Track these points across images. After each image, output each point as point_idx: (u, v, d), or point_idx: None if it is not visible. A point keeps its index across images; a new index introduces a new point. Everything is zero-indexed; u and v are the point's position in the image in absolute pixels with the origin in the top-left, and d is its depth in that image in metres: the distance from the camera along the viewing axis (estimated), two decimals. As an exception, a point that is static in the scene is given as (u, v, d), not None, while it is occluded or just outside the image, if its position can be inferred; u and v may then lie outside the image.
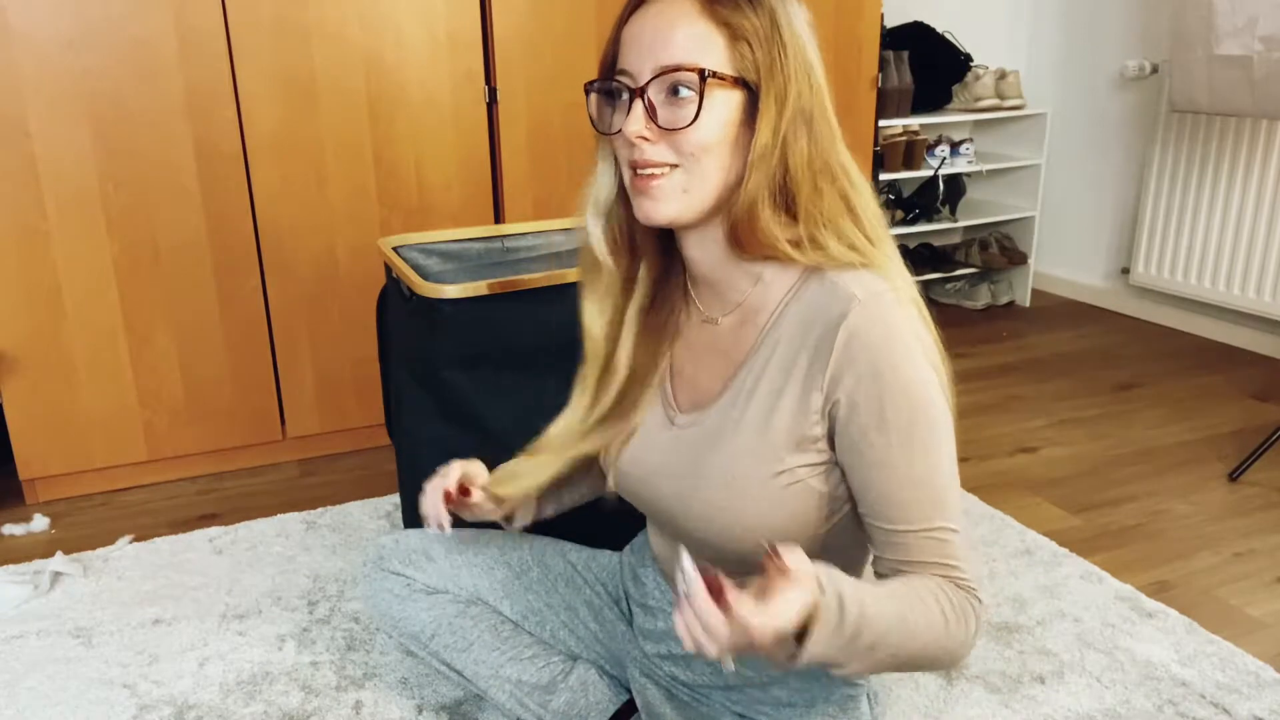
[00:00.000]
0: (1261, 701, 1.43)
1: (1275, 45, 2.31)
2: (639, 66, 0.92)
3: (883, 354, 0.91)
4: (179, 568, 1.83)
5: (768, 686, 1.09)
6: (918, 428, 0.92)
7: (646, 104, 0.92)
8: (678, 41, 0.90)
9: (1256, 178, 2.81)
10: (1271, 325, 2.91)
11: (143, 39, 1.93)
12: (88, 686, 1.49)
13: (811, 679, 1.09)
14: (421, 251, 1.79)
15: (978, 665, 1.52)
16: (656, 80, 0.91)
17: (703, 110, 0.90)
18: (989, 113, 3.25)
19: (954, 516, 0.94)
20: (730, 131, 0.93)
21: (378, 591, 1.32)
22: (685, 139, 0.92)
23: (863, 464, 0.94)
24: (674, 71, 0.90)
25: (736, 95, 0.92)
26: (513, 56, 2.21)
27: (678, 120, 0.91)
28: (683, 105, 0.91)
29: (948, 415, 0.95)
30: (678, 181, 0.94)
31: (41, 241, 1.95)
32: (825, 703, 1.08)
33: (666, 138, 0.92)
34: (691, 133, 0.91)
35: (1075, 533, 1.93)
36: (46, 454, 2.07)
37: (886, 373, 0.91)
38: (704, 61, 0.90)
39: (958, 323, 3.32)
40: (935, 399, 0.93)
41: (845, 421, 0.93)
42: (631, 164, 0.95)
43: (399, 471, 1.77)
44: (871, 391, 0.92)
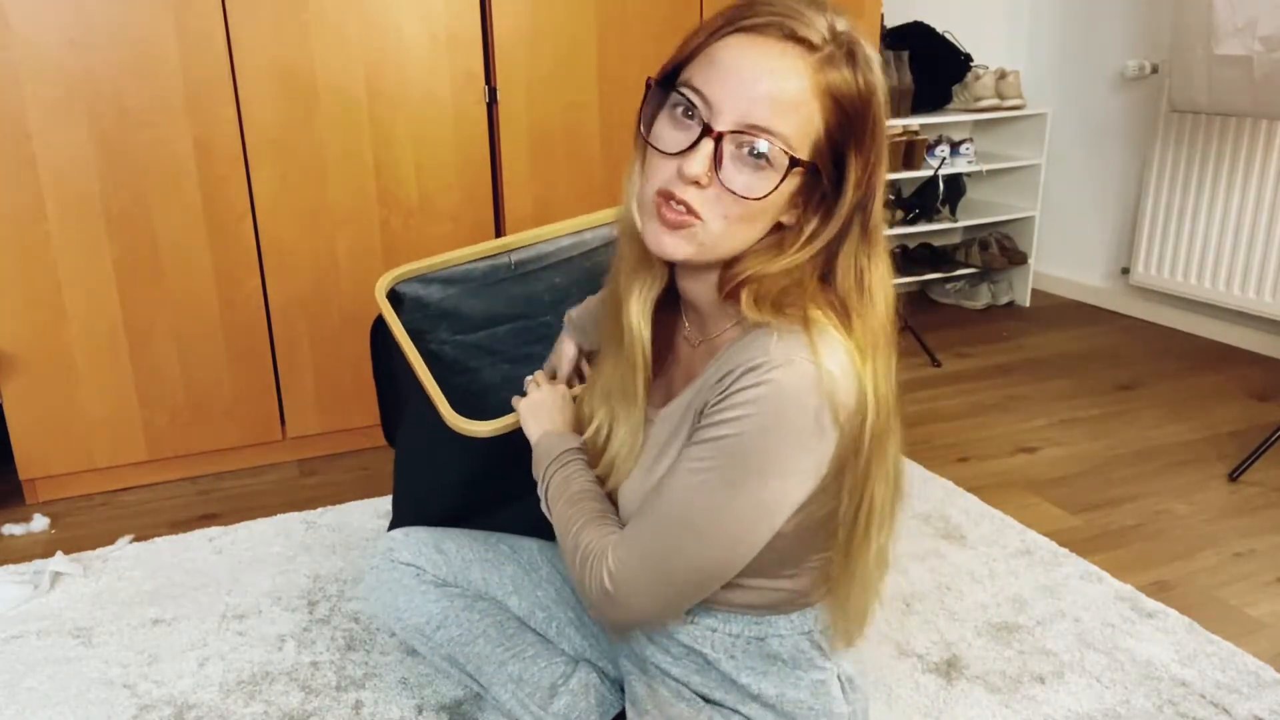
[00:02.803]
0: (1261, 701, 1.43)
1: (1275, 45, 2.31)
2: (723, 103, 0.85)
3: (753, 405, 0.87)
4: (179, 568, 1.83)
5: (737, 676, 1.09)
6: (728, 472, 0.89)
7: (716, 150, 0.86)
8: (781, 101, 0.84)
9: (1256, 178, 2.81)
10: (1271, 325, 2.91)
11: (143, 39, 1.93)
12: (88, 686, 1.49)
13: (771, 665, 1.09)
14: (421, 282, 1.70)
15: (978, 665, 1.52)
16: (739, 134, 0.85)
17: (739, 168, 0.86)
18: (989, 113, 3.25)
19: (672, 539, 0.93)
20: (778, 205, 0.90)
21: (385, 582, 1.33)
22: (739, 205, 0.87)
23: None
24: (763, 138, 0.85)
25: (803, 177, 0.89)
26: (513, 56, 2.21)
27: (744, 188, 0.86)
28: (757, 173, 0.86)
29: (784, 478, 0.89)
30: (701, 233, 0.89)
31: (41, 241, 1.95)
32: (795, 689, 1.08)
33: (720, 194, 0.87)
34: (751, 204, 0.87)
35: (1075, 533, 1.93)
36: (46, 454, 2.07)
37: (742, 418, 0.87)
38: (797, 133, 0.85)
39: (958, 323, 3.32)
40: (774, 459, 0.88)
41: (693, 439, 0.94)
42: (665, 192, 0.89)
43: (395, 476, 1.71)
44: (721, 418, 0.89)
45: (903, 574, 1.78)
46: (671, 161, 0.88)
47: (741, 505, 0.90)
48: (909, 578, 1.76)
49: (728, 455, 0.89)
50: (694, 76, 0.88)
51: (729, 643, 1.08)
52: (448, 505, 1.49)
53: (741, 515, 0.91)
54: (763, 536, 0.93)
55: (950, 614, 1.65)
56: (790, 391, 0.86)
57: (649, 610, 0.99)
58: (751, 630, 1.07)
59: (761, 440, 0.87)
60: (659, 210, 0.89)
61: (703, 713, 1.10)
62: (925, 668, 1.51)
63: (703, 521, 0.92)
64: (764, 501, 0.90)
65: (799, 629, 1.08)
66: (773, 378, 0.86)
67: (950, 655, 1.54)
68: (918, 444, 2.35)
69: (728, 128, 0.85)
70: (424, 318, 1.59)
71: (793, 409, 0.86)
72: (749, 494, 0.90)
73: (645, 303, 1.02)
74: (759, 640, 1.07)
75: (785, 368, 0.86)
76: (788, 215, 0.93)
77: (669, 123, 0.90)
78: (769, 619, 1.07)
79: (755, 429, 0.87)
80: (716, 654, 1.08)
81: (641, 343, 1.02)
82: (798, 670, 1.08)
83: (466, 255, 1.63)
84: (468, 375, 1.63)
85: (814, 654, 1.08)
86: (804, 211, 0.92)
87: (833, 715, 1.10)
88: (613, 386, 1.07)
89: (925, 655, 1.54)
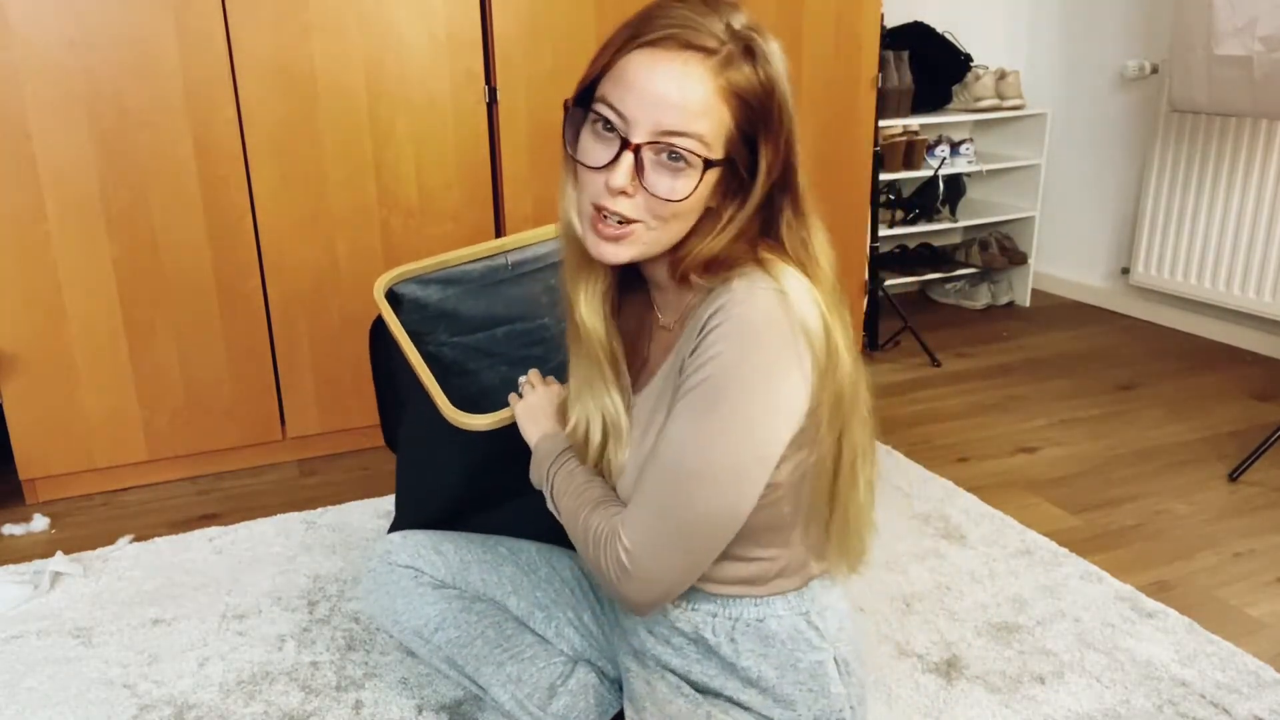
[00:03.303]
0: (1261, 701, 1.43)
1: (1275, 45, 2.31)
2: (637, 116, 0.90)
3: (725, 340, 0.91)
4: (179, 568, 1.83)
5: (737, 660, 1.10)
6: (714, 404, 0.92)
7: (637, 161, 0.91)
8: (689, 109, 0.89)
9: (1256, 178, 2.81)
10: (1271, 325, 2.91)
11: (143, 39, 1.93)
12: (88, 686, 1.49)
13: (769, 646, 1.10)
14: (419, 283, 1.71)
15: (978, 665, 1.52)
16: (655, 143, 0.91)
17: (658, 174, 0.92)
18: (989, 113, 3.25)
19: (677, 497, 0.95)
20: (703, 201, 0.96)
21: (383, 585, 1.33)
22: (666, 206, 0.93)
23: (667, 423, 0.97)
24: (675, 144, 0.90)
25: (720, 173, 0.95)
26: (513, 56, 2.21)
27: (667, 191, 0.92)
28: (677, 177, 0.92)
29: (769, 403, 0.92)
30: (639, 235, 0.95)
31: (41, 241, 1.95)
32: (794, 670, 1.09)
33: (647, 199, 0.93)
34: (660, 199, 0.92)
35: (1075, 533, 1.93)
36: (46, 454, 2.07)
37: (717, 355, 0.91)
38: (708, 135, 0.91)
39: (958, 323, 3.32)
40: (756, 384, 0.92)
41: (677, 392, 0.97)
42: (597, 205, 0.94)
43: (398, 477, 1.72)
44: (698, 363, 0.93)
45: (903, 574, 1.78)
46: (599, 175, 0.93)
47: (736, 436, 0.92)
48: (909, 578, 1.77)
49: (712, 392, 0.92)
50: (607, 93, 0.93)
51: (728, 626, 1.09)
52: (449, 505, 1.49)
53: (738, 446, 0.93)
54: (764, 469, 0.95)
55: (950, 614, 1.65)
56: (759, 314, 0.91)
57: (671, 575, 0.99)
58: (750, 612, 1.09)
59: (740, 367, 0.91)
60: (595, 225, 0.96)
61: (700, 708, 1.10)
62: (925, 668, 1.51)
63: (701, 463, 0.93)
64: (756, 428, 0.93)
65: (796, 609, 1.10)
66: (739, 310, 0.91)
67: (950, 655, 1.54)
68: (918, 444, 2.35)
69: (644, 139, 0.91)
70: (422, 319, 1.59)
71: (764, 330, 0.91)
72: (740, 423, 0.92)
73: (594, 298, 1.06)
74: (758, 621, 1.09)
75: (748, 298, 0.91)
76: (714, 201, 0.98)
77: (591, 138, 0.95)
78: (767, 600, 1.09)
79: (733, 359, 0.91)
80: (717, 638, 1.10)
81: (598, 337, 1.06)
82: (796, 651, 1.10)
83: (464, 256, 1.64)
84: (467, 377, 1.63)
85: (811, 634, 1.10)
86: (725, 198, 0.99)
87: (829, 696, 1.11)
88: (583, 382, 1.10)
89: (925, 655, 1.54)
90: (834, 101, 2.59)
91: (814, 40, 2.51)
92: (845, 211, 2.71)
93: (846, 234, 2.74)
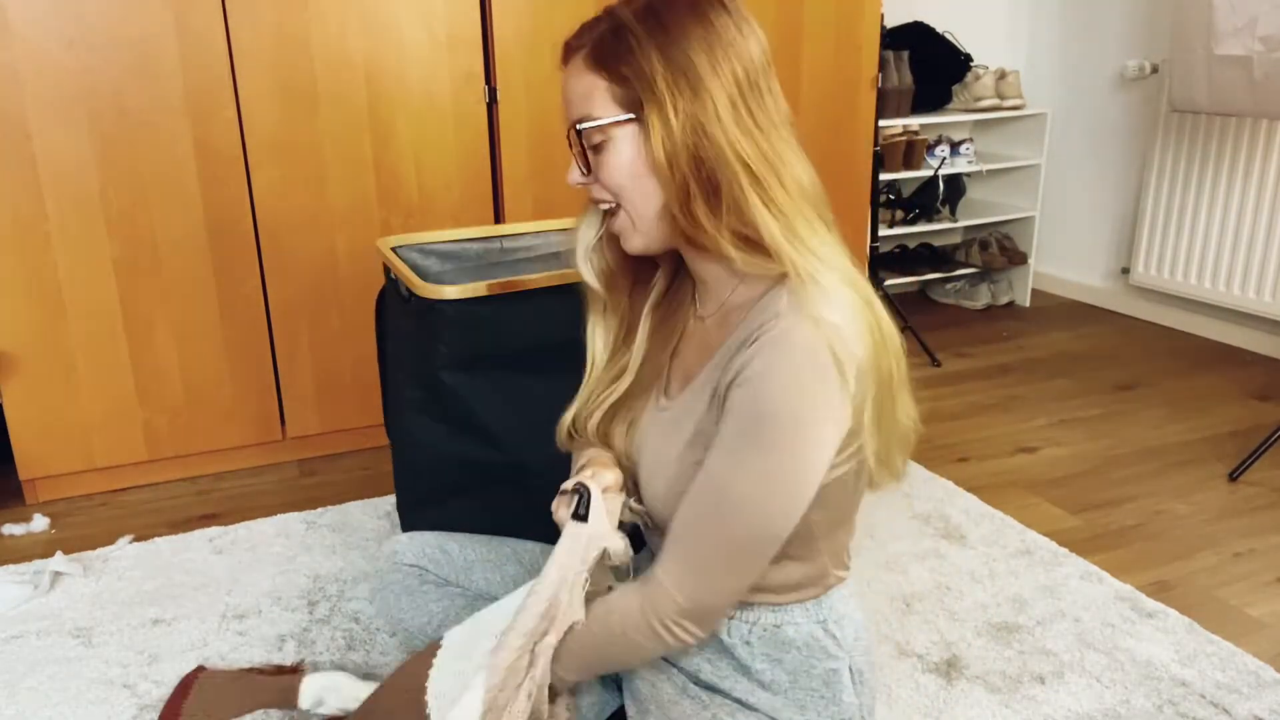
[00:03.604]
0: (1261, 701, 1.43)
1: (1275, 45, 2.31)
2: (568, 122, 1.01)
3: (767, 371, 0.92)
4: (179, 568, 1.83)
5: (751, 663, 1.11)
6: (759, 437, 0.93)
7: (578, 155, 1.01)
8: (574, 99, 0.99)
9: (1256, 178, 2.81)
10: (1271, 325, 2.91)
11: (143, 39, 1.93)
12: (88, 686, 1.49)
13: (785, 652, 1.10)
14: (420, 252, 1.80)
15: (978, 665, 1.52)
16: (572, 133, 1.00)
17: (604, 156, 0.98)
18: (989, 113, 3.25)
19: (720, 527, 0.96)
20: (638, 163, 0.98)
21: (389, 585, 1.34)
22: (606, 183, 1.00)
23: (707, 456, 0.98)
24: (573, 129, 0.99)
25: (630, 130, 0.97)
26: (513, 56, 2.21)
27: (598, 166, 1.00)
28: (600, 152, 0.99)
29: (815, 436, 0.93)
30: (624, 218, 1.02)
31: (41, 241, 1.95)
32: (808, 676, 1.09)
33: (597, 182, 1.02)
34: (603, 176, 1.00)
35: (1075, 533, 1.93)
36: (46, 454, 2.07)
37: (761, 386, 0.93)
38: (595, 111, 0.97)
39: (958, 323, 3.32)
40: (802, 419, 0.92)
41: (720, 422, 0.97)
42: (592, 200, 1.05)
43: (395, 472, 1.77)
44: (743, 396, 0.94)
45: (903, 574, 1.78)
46: None
47: (782, 471, 0.94)
48: (909, 578, 1.77)
49: (756, 426, 0.93)
50: None
51: (745, 630, 1.10)
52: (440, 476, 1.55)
53: (784, 479, 0.95)
54: (809, 495, 0.96)
55: (950, 614, 1.65)
56: (805, 349, 0.91)
57: (725, 598, 1.01)
58: (768, 618, 1.09)
59: (787, 401, 0.92)
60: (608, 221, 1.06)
61: (707, 709, 1.10)
62: (925, 668, 1.51)
63: (746, 496, 0.95)
64: (801, 462, 0.94)
65: (814, 617, 1.10)
66: (786, 337, 0.92)
67: (950, 655, 1.54)
68: (918, 444, 2.34)
69: (570, 133, 1.01)
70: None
71: (810, 365, 0.91)
72: (786, 458, 0.94)
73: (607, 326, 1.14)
74: (775, 627, 1.09)
75: (797, 326, 0.92)
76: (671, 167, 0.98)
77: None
78: (786, 607, 1.09)
79: (778, 393, 0.92)
80: (732, 640, 1.10)
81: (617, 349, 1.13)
82: (812, 659, 1.10)
83: (463, 235, 1.83)
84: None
85: (828, 642, 1.10)
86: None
87: (841, 704, 1.11)
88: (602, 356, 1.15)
89: (925, 655, 1.54)
90: (834, 101, 2.59)
91: (814, 40, 2.51)
92: (845, 211, 2.71)
93: (846, 234, 2.72)
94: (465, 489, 1.56)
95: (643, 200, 0.99)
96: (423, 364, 1.55)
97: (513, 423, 1.52)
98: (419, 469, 1.64)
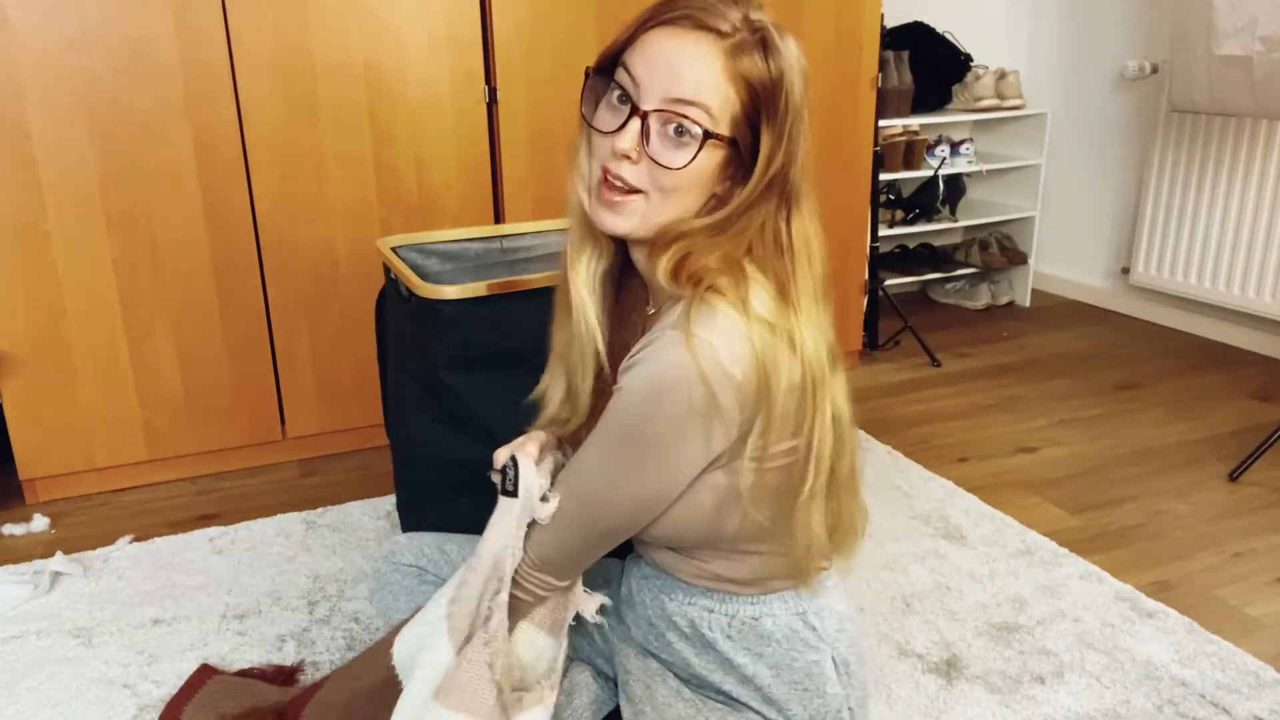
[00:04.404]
0: (1261, 701, 1.43)
1: (1275, 45, 2.31)
2: (649, 85, 0.95)
3: (639, 380, 0.94)
4: (179, 568, 1.83)
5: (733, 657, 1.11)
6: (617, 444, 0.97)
7: (643, 127, 0.95)
8: (697, 83, 0.93)
9: (1256, 178, 2.81)
10: (1271, 325, 2.91)
11: (143, 39, 1.93)
12: (88, 686, 1.49)
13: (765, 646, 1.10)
14: (420, 252, 1.80)
15: (978, 665, 1.52)
16: (662, 114, 0.94)
17: (671, 146, 0.95)
18: (989, 113, 3.25)
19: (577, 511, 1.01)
20: (707, 178, 0.98)
21: (387, 585, 1.34)
22: (667, 176, 0.96)
23: None
24: (682, 115, 0.93)
25: (725, 149, 0.97)
26: (513, 56, 2.21)
27: (668, 160, 0.95)
28: (679, 148, 0.95)
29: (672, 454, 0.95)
30: (640, 206, 0.98)
31: (41, 241, 1.95)
32: (790, 670, 1.10)
33: (649, 166, 0.96)
34: (661, 170, 0.96)
35: (1075, 533, 1.93)
36: (46, 454, 2.07)
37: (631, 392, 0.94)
38: (714, 111, 0.94)
39: (958, 323, 3.32)
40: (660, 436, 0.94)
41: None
42: (604, 169, 0.98)
43: (395, 472, 1.77)
44: (616, 402, 0.96)
45: (903, 574, 1.78)
46: (608, 140, 0.97)
47: (638, 477, 0.98)
48: (909, 578, 1.77)
49: (619, 430, 0.97)
50: (625, 62, 0.98)
51: (724, 622, 1.10)
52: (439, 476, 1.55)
53: (640, 484, 0.98)
54: (667, 498, 1.00)
55: (950, 614, 1.65)
56: (674, 370, 0.92)
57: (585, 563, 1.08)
58: (746, 610, 1.09)
59: (645, 416, 0.94)
60: (601, 190, 0.99)
61: (700, 712, 1.10)
62: (925, 668, 1.51)
63: (604, 492, 1.00)
64: (654, 473, 0.98)
65: (793, 609, 1.10)
66: (660, 353, 0.93)
67: (950, 655, 1.54)
68: (918, 444, 2.35)
69: (652, 106, 0.95)
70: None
71: (674, 388, 0.92)
72: (641, 467, 0.97)
73: (590, 276, 1.09)
74: (753, 620, 1.09)
75: (674, 343, 0.92)
76: (720, 187, 1.01)
77: (606, 108, 0.99)
78: (764, 599, 1.09)
79: (639, 405, 0.94)
80: (713, 634, 1.11)
81: (584, 314, 1.09)
82: (792, 651, 1.10)
83: (463, 235, 1.82)
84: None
85: (808, 634, 1.10)
86: (731, 183, 1.01)
87: (825, 696, 1.11)
88: (560, 356, 1.15)
89: (925, 655, 1.54)
90: (834, 101, 2.59)
91: (814, 40, 2.51)
92: (845, 211, 2.71)
93: (846, 234, 2.74)
94: (465, 489, 1.56)
95: (676, 208, 0.98)
96: (423, 364, 1.55)
97: (513, 423, 1.51)
98: (419, 469, 1.64)
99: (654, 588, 1.14)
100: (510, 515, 1.06)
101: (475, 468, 1.55)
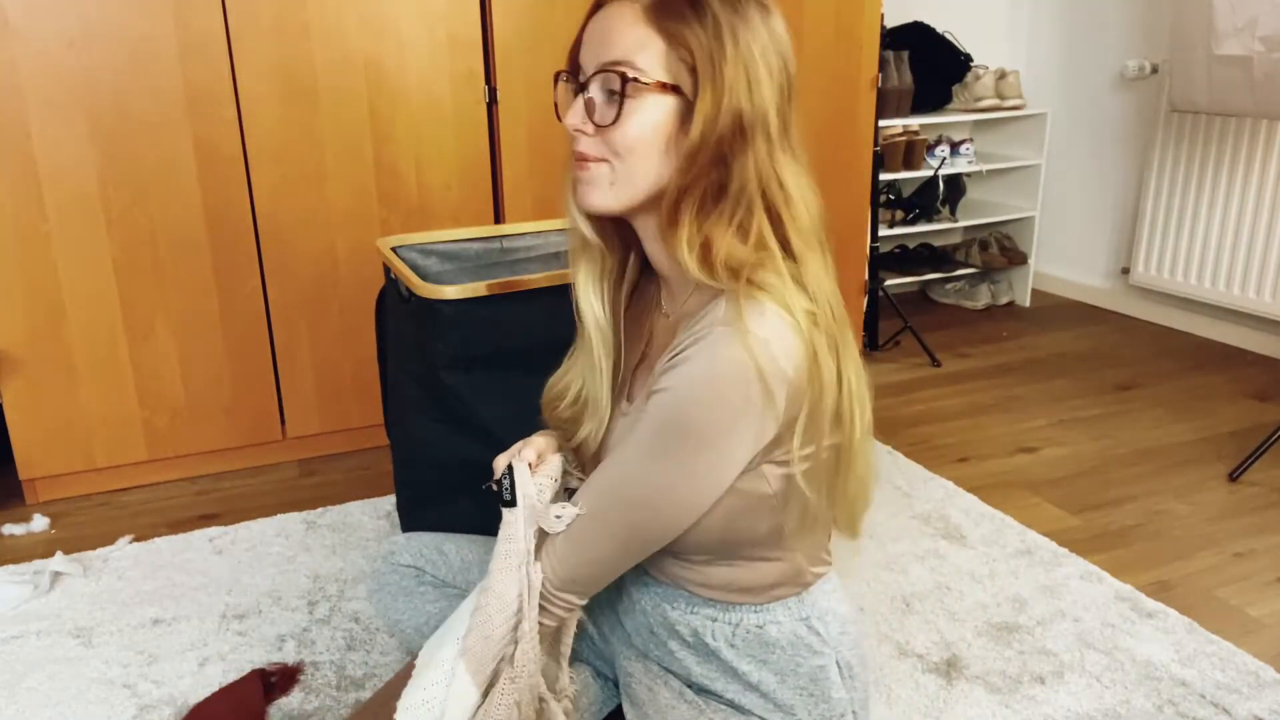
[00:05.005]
0: (1261, 701, 1.43)
1: (1275, 45, 2.31)
2: (585, 61, 0.98)
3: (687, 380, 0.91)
4: (179, 568, 1.83)
5: (737, 665, 1.11)
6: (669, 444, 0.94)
7: (586, 100, 0.97)
8: (617, 42, 0.95)
9: (1256, 178, 2.81)
10: (1271, 325, 2.91)
11: (143, 39, 1.93)
12: (88, 686, 1.49)
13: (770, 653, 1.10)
14: (420, 252, 1.80)
15: (978, 665, 1.52)
16: (595, 78, 0.96)
17: (626, 111, 0.94)
18: (989, 113, 3.25)
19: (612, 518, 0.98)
20: (660, 134, 0.95)
21: (386, 585, 1.34)
22: (612, 137, 0.96)
23: None
24: (606, 71, 0.95)
25: (669, 100, 0.95)
26: (513, 56, 2.21)
27: (605, 118, 0.96)
28: (612, 105, 0.96)
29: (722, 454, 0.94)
30: (605, 174, 0.98)
31: (41, 241, 1.95)
32: (794, 675, 1.09)
33: (600, 133, 0.97)
34: (616, 132, 0.95)
35: (1075, 533, 1.93)
36: (46, 454, 2.07)
37: (676, 392, 0.92)
38: (638, 64, 0.94)
39: (958, 323, 3.32)
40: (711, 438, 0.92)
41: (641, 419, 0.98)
42: (571, 153, 1.01)
43: (395, 472, 1.77)
44: (662, 401, 0.94)
45: (903, 574, 1.78)
46: (566, 127, 0.99)
47: (684, 480, 0.95)
48: (909, 578, 1.77)
49: (665, 432, 0.94)
50: (576, 59, 1.01)
51: (728, 631, 1.10)
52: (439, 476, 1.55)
53: (684, 487, 0.96)
54: (708, 501, 0.98)
55: (950, 614, 1.65)
56: (731, 366, 0.90)
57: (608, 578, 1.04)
58: (750, 619, 1.09)
59: (699, 416, 0.92)
60: (573, 169, 1.01)
61: (703, 714, 1.10)
62: (925, 668, 1.51)
63: (644, 495, 0.97)
64: (703, 475, 0.95)
65: (796, 615, 1.09)
66: (713, 350, 0.91)
67: (950, 655, 1.54)
68: (918, 444, 2.35)
69: (588, 76, 0.98)
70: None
71: (731, 385, 0.90)
72: (689, 470, 0.95)
73: (593, 281, 1.10)
74: (758, 628, 1.09)
75: (726, 340, 0.90)
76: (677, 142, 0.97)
77: (568, 100, 1.02)
78: (767, 607, 1.09)
79: (692, 406, 0.92)
80: (717, 643, 1.10)
81: (594, 320, 1.09)
82: (797, 657, 1.09)
83: (463, 235, 1.82)
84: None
85: (812, 639, 1.10)
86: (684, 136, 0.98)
87: (830, 701, 1.10)
88: (576, 361, 1.13)
89: (925, 655, 1.54)
90: (834, 101, 2.59)
91: (814, 40, 2.51)
92: (845, 211, 2.71)
93: (846, 234, 2.74)
94: (465, 489, 1.56)
95: (641, 171, 0.97)
96: (423, 364, 1.55)
97: (513, 423, 1.51)
98: (419, 469, 1.64)
99: (655, 596, 1.14)
100: (515, 528, 1.02)
101: (475, 468, 1.55)
